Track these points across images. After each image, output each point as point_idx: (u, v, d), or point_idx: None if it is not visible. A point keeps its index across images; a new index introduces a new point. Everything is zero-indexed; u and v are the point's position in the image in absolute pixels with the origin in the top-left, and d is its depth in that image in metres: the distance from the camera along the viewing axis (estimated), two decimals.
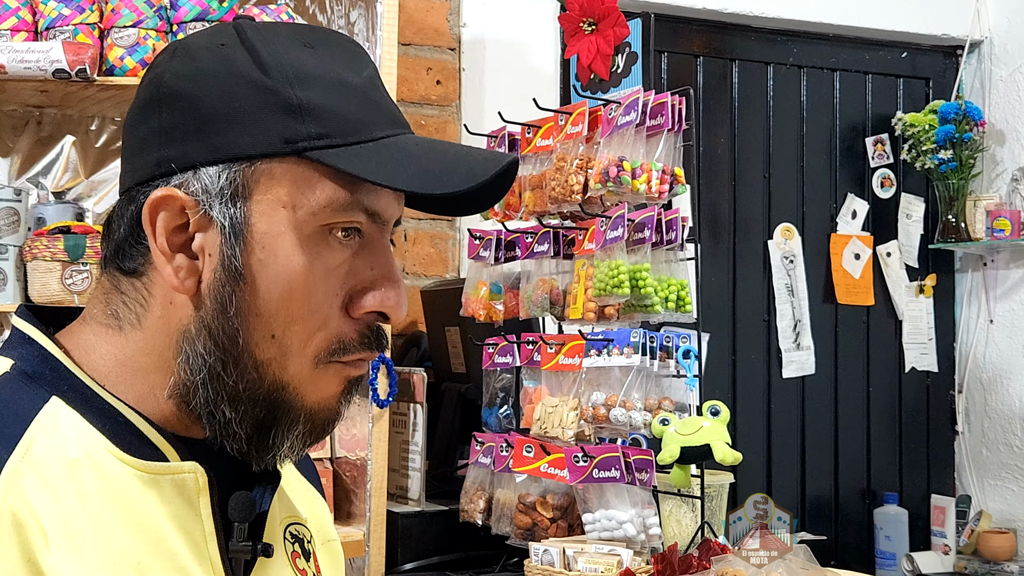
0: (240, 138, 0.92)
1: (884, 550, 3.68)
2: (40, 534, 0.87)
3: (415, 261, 3.19)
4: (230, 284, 0.93)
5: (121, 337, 0.97)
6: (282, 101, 0.92)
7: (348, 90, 0.95)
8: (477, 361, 2.52)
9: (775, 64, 3.76)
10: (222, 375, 0.93)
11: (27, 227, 2.50)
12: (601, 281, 2.17)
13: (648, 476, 2.17)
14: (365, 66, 0.98)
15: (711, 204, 3.66)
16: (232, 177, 0.92)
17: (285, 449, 0.97)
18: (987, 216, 3.68)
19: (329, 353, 0.95)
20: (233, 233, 0.93)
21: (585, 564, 2.03)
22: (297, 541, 1.08)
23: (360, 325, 0.96)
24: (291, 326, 0.93)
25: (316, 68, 0.94)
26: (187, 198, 0.93)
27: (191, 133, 0.93)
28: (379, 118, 0.96)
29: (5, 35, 2.44)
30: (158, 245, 0.93)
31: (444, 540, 2.52)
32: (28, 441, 0.90)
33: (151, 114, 0.95)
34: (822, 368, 3.77)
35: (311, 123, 0.92)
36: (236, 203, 0.92)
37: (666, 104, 2.20)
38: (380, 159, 0.93)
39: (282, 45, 0.95)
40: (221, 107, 0.92)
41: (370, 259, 0.96)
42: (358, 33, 2.65)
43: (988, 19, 3.88)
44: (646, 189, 2.20)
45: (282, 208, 0.93)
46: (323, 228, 0.93)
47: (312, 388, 0.96)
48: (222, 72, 0.93)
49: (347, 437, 2.58)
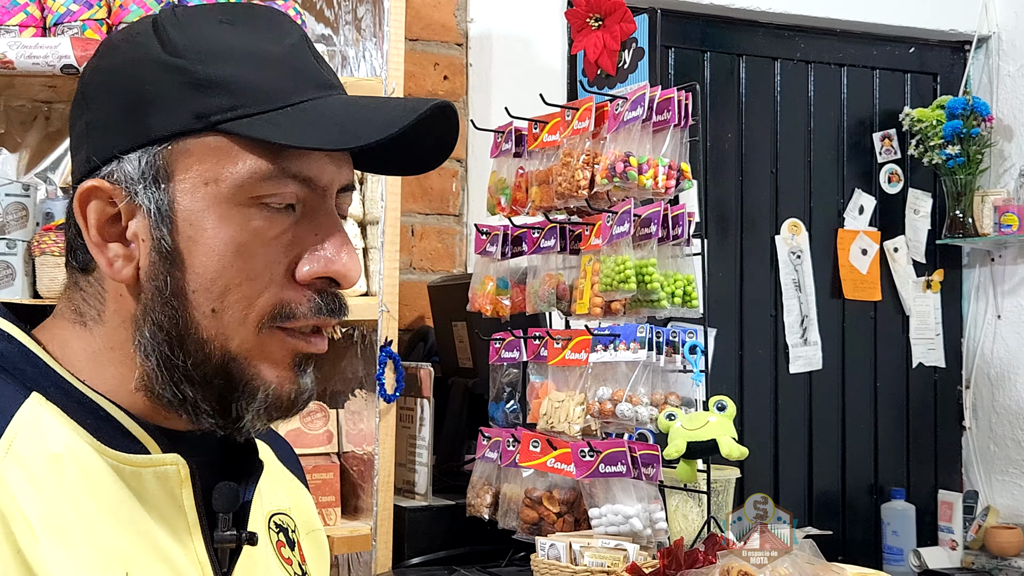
0: (154, 120, 0.92)
1: (891, 545, 3.68)
2: (27, 528, 0.88)
3: (422, 256, 3.19)
4: (164, 266, 0.93)
5: (87, 333, 0.98)
6: (190, 79, 0.92)
7: (266, 60, 0.94)
8: (484, 356, 2.52)
9: (782, 59, 3.76)
10: (171, 357, 0.94)
11: (35, 222, 2.51)
12: (608, 276, 2.17)
13: (654, 471, 2.17)
14: (287, 34, 0.97)
15: (718, 199, 3.66)
16: (151, 160, 0.93)
17: (248, 421, 0.96)
18: (995, 211, 3.67)
19: (271, 318, 0.94)
20: (160, 216, 0.93)
21: (591, 559, 2.03)
22: (281, 531, 1.10)
23: (310, 292, 0.95)
24: (227, 297, 0.93)
25: (232, 43, 0.94)
26: (111, 187, 0.94)
27: (111, 125, 0.94)
28: (302, 84, 0.95)
29: (13, 31, 2.45)
30: (90, 236, 0.95)
31: (451, 535, 2.52)
32: (10, 437, 0.91)
33: (80, 113, 0.98)
34: (829, 363, 3.77)
35: (222, 96, 0.92)
36: (160, 185, 0.93)
37: (673, 100, 2.20)
38: (294, 122, 0.92)
39: (197, 26, 0.94)
40: (133, 94, 0.93)
41: (313, 225, 0.95)
42: (365, 29, 2.65)
43: (996, 14, 3.87)
44: (652, 184, 2.20)
45: (204, 185, 0.93)
46: (253, 200, 0.93)
47: (260, 356, 0.95)
48: (134, 61, 0.94)
49: (354, 432, 2.58)
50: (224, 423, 0.96)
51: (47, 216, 2.53)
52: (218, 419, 0.96)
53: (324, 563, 1.18)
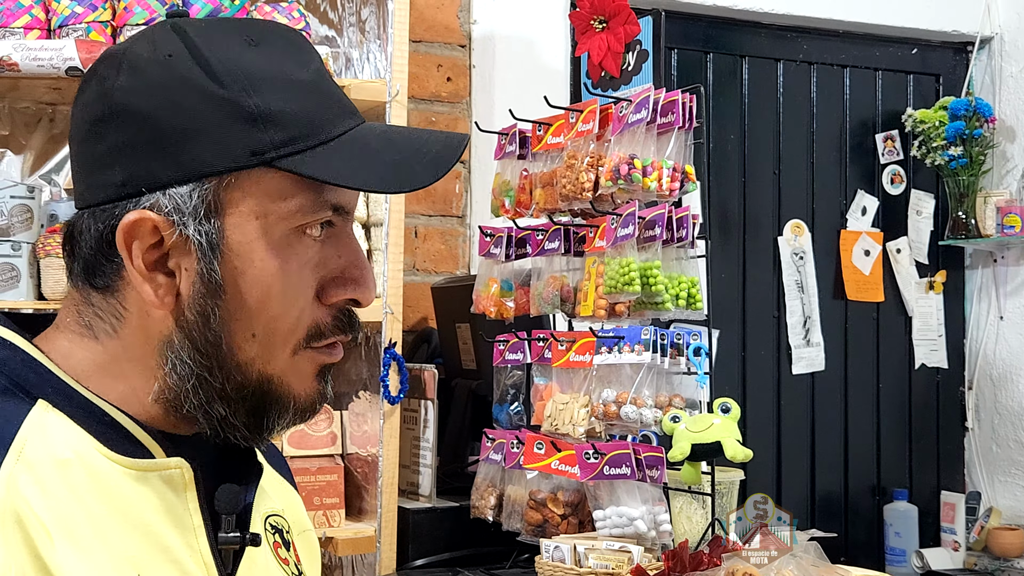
0: (206, 154, 0.93)
1: (894, 546, 3.69)
2: (43, 532, 0.89)
3: (425, 258, 3.19)
4: (210, 296, 0.95)
5: (96, 345, 0.99)
6: (241, 111, 0.93)
7: (300, 88, 0.95)
8: (488, 358, 2.52)
9: (785, 61, 3.76)
10: (209, 379, 0.96)
11: (40, 224, 2.51)
12: (612, 278, 2.17)
13: (659, 473, 2.17)
14: (311, 58, 0.99)
15: (721, 201, 3.66)
16: (203, 195, 0.93)
17: (277, 431, 1.02)
18: (997, 212, 3.67)
19: (306, 340, 0.98)
20: (210, 248, 0.94)
21: (596, 561, 2.03)
22: (277, 532, 1.11)
23: (333, 311, 1.00)
24: (270, 324, 0.96)
25: (266, 69, 0.94)
26: (160, 219, 0.94)
27: (153, 151, 0.93)
28: (334, 112, 0.97)
29: (18, 33, 2.46)
30: (135, 268, 0.95)
31: (455, 536, 2.52)
32: (20, 443, 0.92)
33: (105, 131, 0.95)
34: (832, 364, 3.78)
35: (273, 131, 0.93)
36: (210, 219, 0.94)
37: (677, 102, 2.20)
38: (344, 159, 0.95)
39: (227, 46, 0.95)
40: (180, 123, 0.93)
41: (337, 248, 0.99)
42: (369, 30, 2.65)
43: (999, 15, 3.87)
44: (657, 186, 2.20)
45: (255, 219, 0.95)
46: (296, 229, 0.96)
47: (294, 376, 0.99)
48: (174, 86, 0.93)
49: (358, 433, 2.58)
50: (251, 435, 1.00)
51: (51, 218, 2.53)
52: (247, 431, 0.99)
53: (316, 563, 1.20)
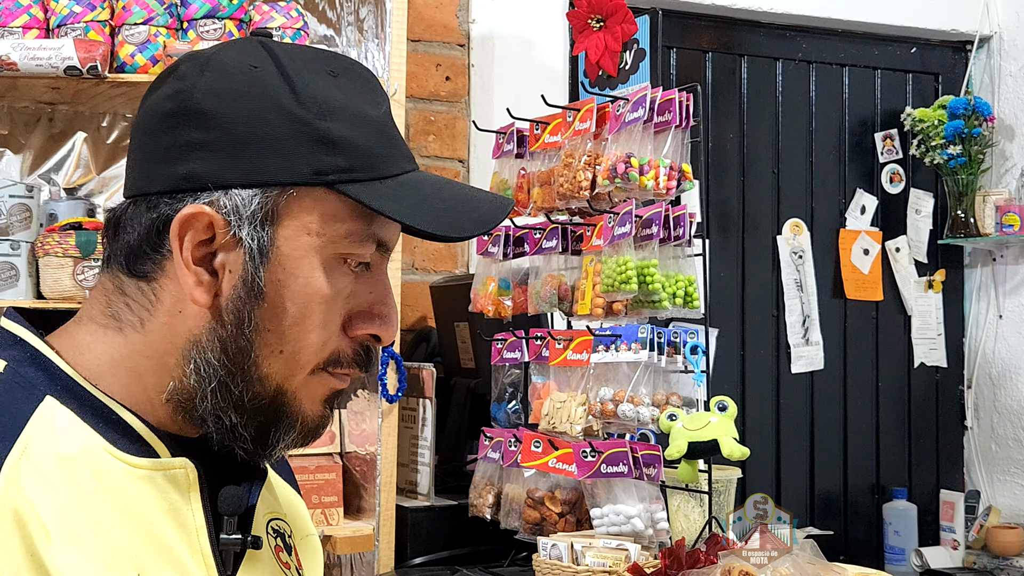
0: (273, 165, 0.96)
1: (893, 545, 3.69)
2: (41, 529, 0.89)
3: (424, 257, 3.20)
4: (250, 301, 0.97)
5: (120, 337, 0.99)
6: (315, 133, 0.96)
7: (369, 124, 0.99)
8: (486, 356, 2.53)
9: (784, 60, 3.77)
10: (230, 385, 0.98)
11: (39, 223, 2.51)
12: (609, 277, 2.17)
13: (656, 471, 2.17)
14: (383, 100, 1.03)
15: (720, 200, 3.66)
16: (264, 202, 0.96)
17: (280, 449, 1.02)
18: (996, 211, 3.68)
19: (325, 363, 1.00)
20: (259, 254, 0.96)
21: (593, 558, 2.04)
22: (279, 535, 1.11)
23: (355, 344, 1.02)
24: (300, 343, 0.98)
25: (342, 100, 0.98)
26: (218, 217, 0.96)
27: (223, 152, 0.96)
28: (395, 153, 1.01)
29: (17, 32, 2.46)
30: (183, 259, 0.96)
31: (453, 535, 2.53)
32: (26, 439, 0.92)
33: (179, 126, 0.97)
34: (831, 363, 3.78)
35: (339, 156, 0.96)
36: (265, 227, 0.96)
37: (674, 100, 2.20)
38: (398, 197, 0.98)
39: (311, 73, 0.98)
40: (255, 132, 0.96)
41: (370, 284, 1.02)
42: (368, 29, 2.66)
43: (997, 14, 3.88)
44: (654, 185, 2.21)
45: (306, 235, 0.97)
46: (340, 256, 0.98)
47: (307, 396, 1.01)
48: (256, 96, 0.96)
49: (357, 432, 2.59)
50: (255, 449, 1.01)
51: (50, 217, 2.54)
52: (251, 445, 1.01)
53: (318, 568, 1.20)
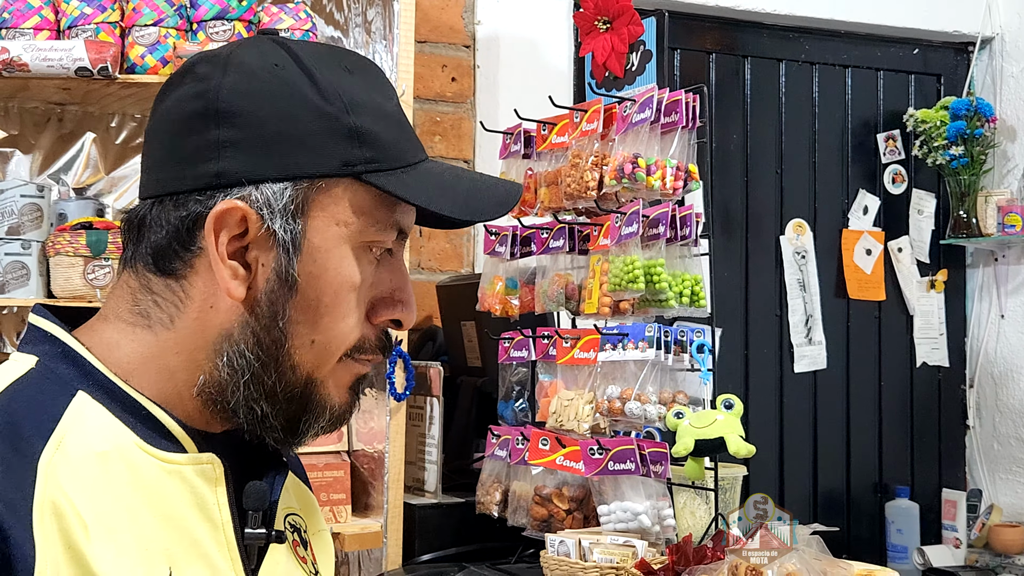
0: (304, 159, 0.98)
1: (895, 543, 3.70)
2: (79, 523, 0.91)
3: (431, 256, 3.21)
4: (284, 293, 0.99)
5: (150, 335, 1.01)
6: (343, 127, 0.99)
7: (388, 117, 1.03)
8: (493, 355, 2.54)
9: (787, 61, 3.78)
10: (263, 376, 1.00)
11: (49, 223, 2.53)
12: (616, 276, 2.19)
13: (663, 468, 2.19)
14: (393, 93, 1.06)
15: (724, 200, 3.68)
16: (295, 195, 0.98)
17: (309, 436, 1.04)
18: (998, 212, 3.69)
19: (352, 350, 1.03)
20: (291, 246, 0.99)
21: (600, 555, 2.05)
22: (296, 530, 1.13)
23: (378, 330, 1.05)
24: (331, 332, 1.00)
25: (361, 94, 1.01)
26: (251, 212, 0.98)
27: (255, 150, 0.98)
28: (412, 145, 1.04)
29: (28, 33, 2.48)
30: (219, 253, 0.98)
31: (461, 532, 2.54)
32: (60, 435, 0.94)
33: (206, 126, 0.99)
34: (834, 363, 3.79)
35: (365, 148, 0.99)
36: (296, 219, 0.99)
37: (680, 101, 2.22)
38: (423, 185, 1.02)
39: (329, 69, 1.01)
40: (286, 128, 0.98)
41: (390, 271, 1.05)
42: (375, 31, 2.67)
43: (1000, 15, 3.89)
44: (660, 185, 2.22)
45: (335, 225, 1.00)
46: (365, 244, 1.01)
47: (333, 382, 1.03)
48: (284, 95, 0.99)
49: (364, 430, 2.60)
50: (284, 438, 1.03)
51: (61, 217, 2.56)
52: (281, 434, 1.03)
53: (330, 563, 1.22)
